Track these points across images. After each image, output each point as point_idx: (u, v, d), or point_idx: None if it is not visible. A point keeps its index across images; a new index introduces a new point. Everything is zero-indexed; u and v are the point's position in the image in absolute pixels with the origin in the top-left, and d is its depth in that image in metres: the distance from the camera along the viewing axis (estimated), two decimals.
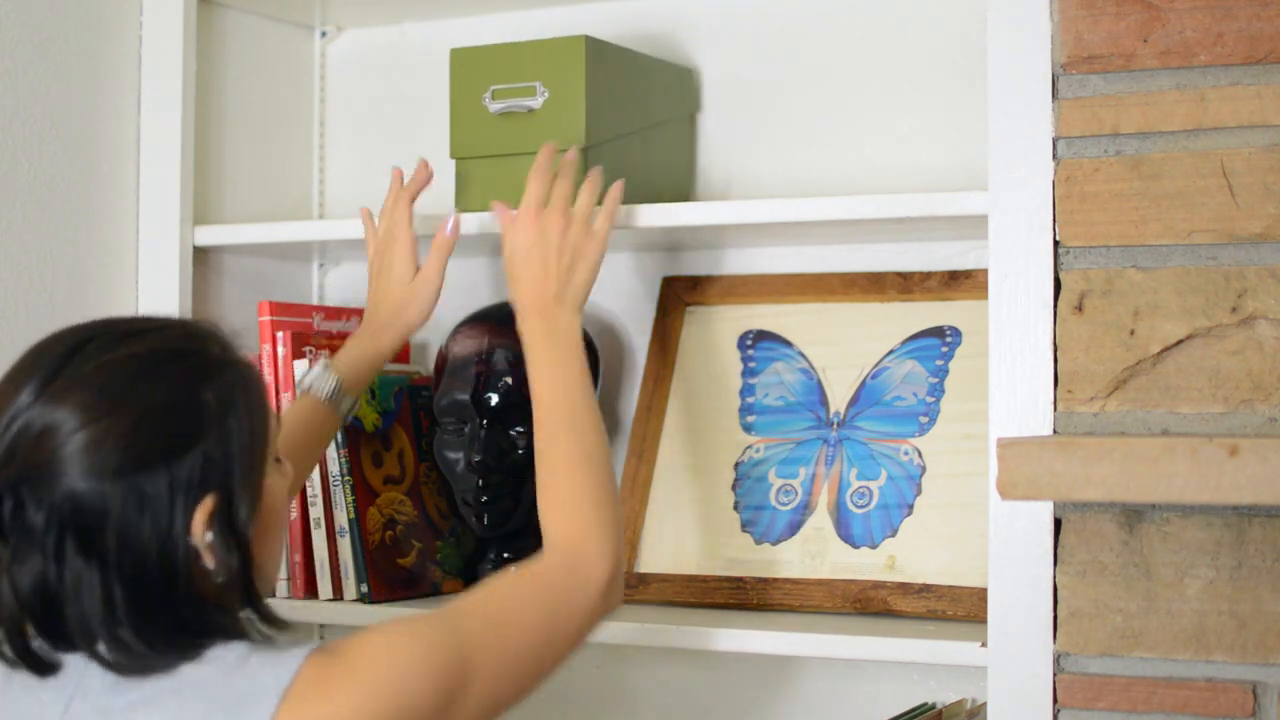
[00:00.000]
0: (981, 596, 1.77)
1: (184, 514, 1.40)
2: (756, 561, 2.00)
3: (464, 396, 2.04)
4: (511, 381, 2.03)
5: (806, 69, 2.16)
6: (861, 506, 1.98)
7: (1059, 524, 1.67)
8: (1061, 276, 1.68)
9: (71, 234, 2.13)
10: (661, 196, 2.09)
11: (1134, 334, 1.66)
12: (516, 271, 1.82)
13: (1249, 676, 1.61)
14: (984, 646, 1.71)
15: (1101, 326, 1.66)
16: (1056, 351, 1.68)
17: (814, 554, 1.97)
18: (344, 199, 2.41)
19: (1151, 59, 1.65)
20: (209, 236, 2.17)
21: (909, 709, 1.96)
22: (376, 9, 2.37)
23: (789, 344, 2.10)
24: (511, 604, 1.54)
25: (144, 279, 2.16)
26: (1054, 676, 1.66)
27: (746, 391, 2.10)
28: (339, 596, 2.09)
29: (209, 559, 1.41)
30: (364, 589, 2.08)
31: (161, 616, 1.39)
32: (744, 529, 2.03)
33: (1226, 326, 1.63)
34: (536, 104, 2.00)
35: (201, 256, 2.19)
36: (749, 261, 2.17)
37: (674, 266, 2.20)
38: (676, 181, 2.16)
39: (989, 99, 1.71)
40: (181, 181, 2.15)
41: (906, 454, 1.98)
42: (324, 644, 1.44)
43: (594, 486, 1.68)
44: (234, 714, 1.37)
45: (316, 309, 2.26)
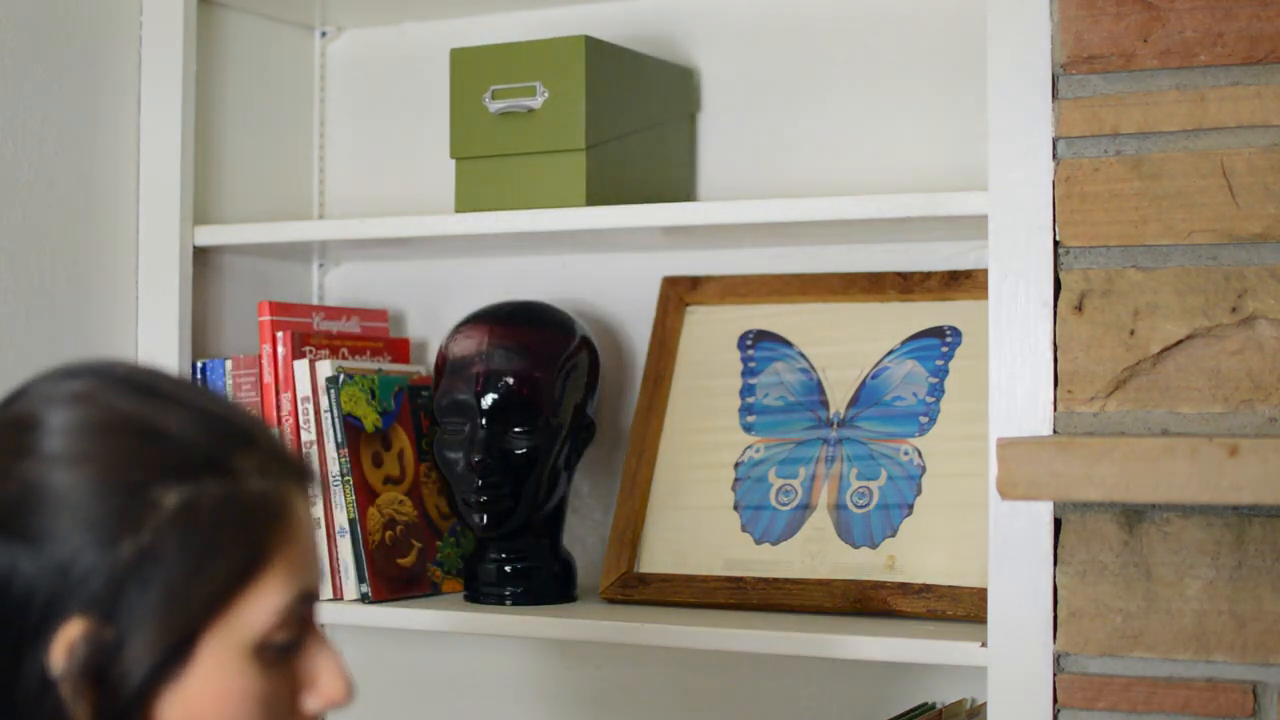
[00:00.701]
0: (981, 596, 1.77)
1: (43, 631, 1.08)
2: (756, 561, 2.00)
3: (464, 396, 2.04)
4: (512, 381, 2.03)
5: (806, 69, 2.16)
6: (861, 506, 1.98)
7: (1059, 524, 1.67)
8: (1061, 276, 1.68)
9: (71, 234, 2.13)
10: (661, 196, 2.09)
11: (1134, 334, 1.66)
12: None
13: (1249, 676, 1.61)
14: (984, 646, 1.71)
15: (1101, 326, 1.66)
16: (1056, 351, 1.68)
17: (814, 554, 1.97)
18: (344, 199, 2.41)
19: (1151, 59, 1.65)
20: (209, 236, 2.17)
21: (909, 709, 1.96)
22: (376, 9, 2.37)
23: (789, 344, 2.10)
24: None
25: (144, 279, 2.16)
26: (1054, 676, 1.66)
27: (746, 391, 2.10)
28: (339, 596, 2.09)
29: (68, 696, 1.07)
30: (364, 589, 2.08)
31: None
32: (744, 529, 2.02)
33: (1226, 326, 1.63)
34: (536, 104, 2.00)
35: (201, 256, 2.19)
36: (749, 261, 2.17)
37: (674, 266, 2.20)
38: (676, 181, 2.16)
39: (989, 99, 1.71)
40: (181, 181, 2.15)
41: (906, 454, 1.98)
42: None
43: None
44: None
45: (316, 309, 2.27)
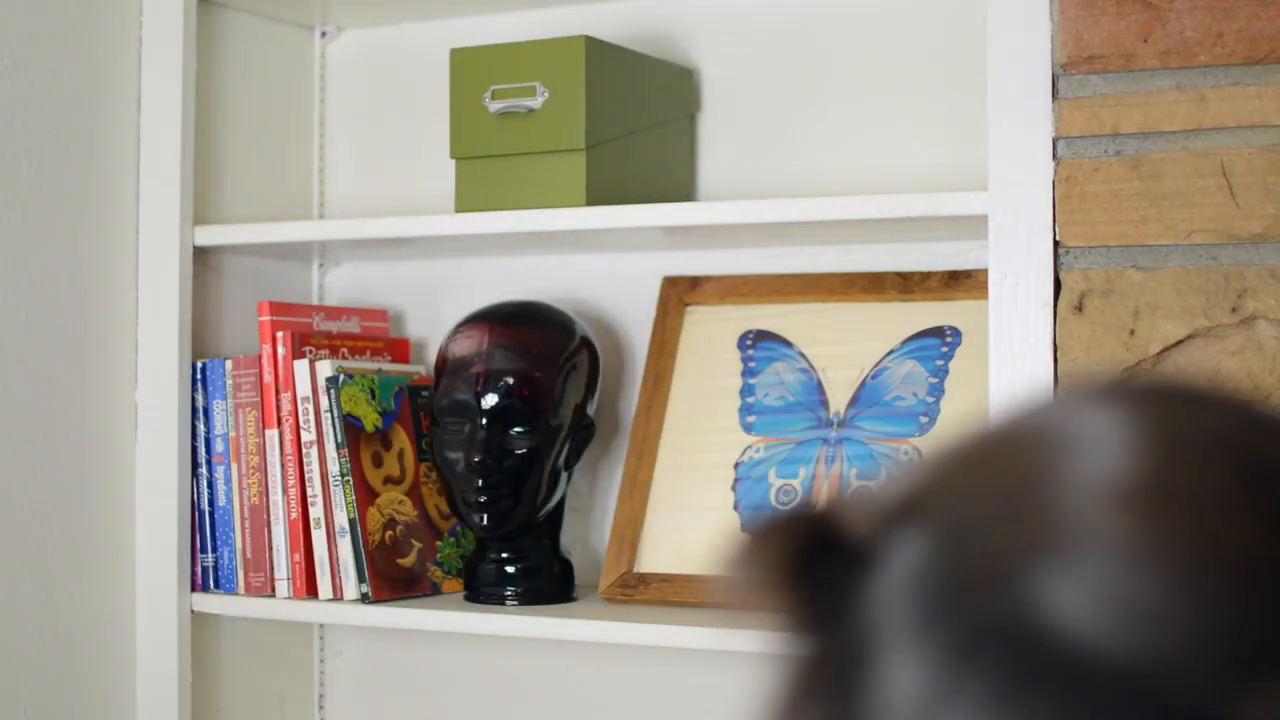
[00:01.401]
0: None
1: None
2: None
3: (464, 396, 2.04)
4: (512, 381, 2.03)
5: (806, 69, 2.16)
6: None
7: None
8: (1061, 276, 1.68)
9: (71, 234, 2.13)
10: (662, 196, 2.09)
11: (1134, 334, 1.66)
12: None
13: None
14: None
15: (1101, 326, 1.66)
16: (1056, 351, 1.68)
17: None
18: (344, 199, 2.41)
19: (1151, 59, 1.65)
20: (209, 236, 2.17)
21: None
22: (376, 9, 2.36)
23: (789, 344, 2.10)
24: None
25: (144, 279, 2.16)
26: None
27: (746, 391, 2.10)
28: (339, 596, 2.09)
29: None
30: (364, 589, 2.08)
31: None
32: (744, 529, 2.02)
33: (1226, 326, 1.63)
34: (536, 104, 2.00)
35: (201, 256, 2.19)
36: (749, 261, 2.17)
37: (674, 266, 2.20)
38: (676, 181, 2.16)
39: (989, 99, 1.71)
40: (181, 182, 2.15)
41: (907, 454, 1.98)
42: None
43: None
44: None
45: (316, 309, 2.27)
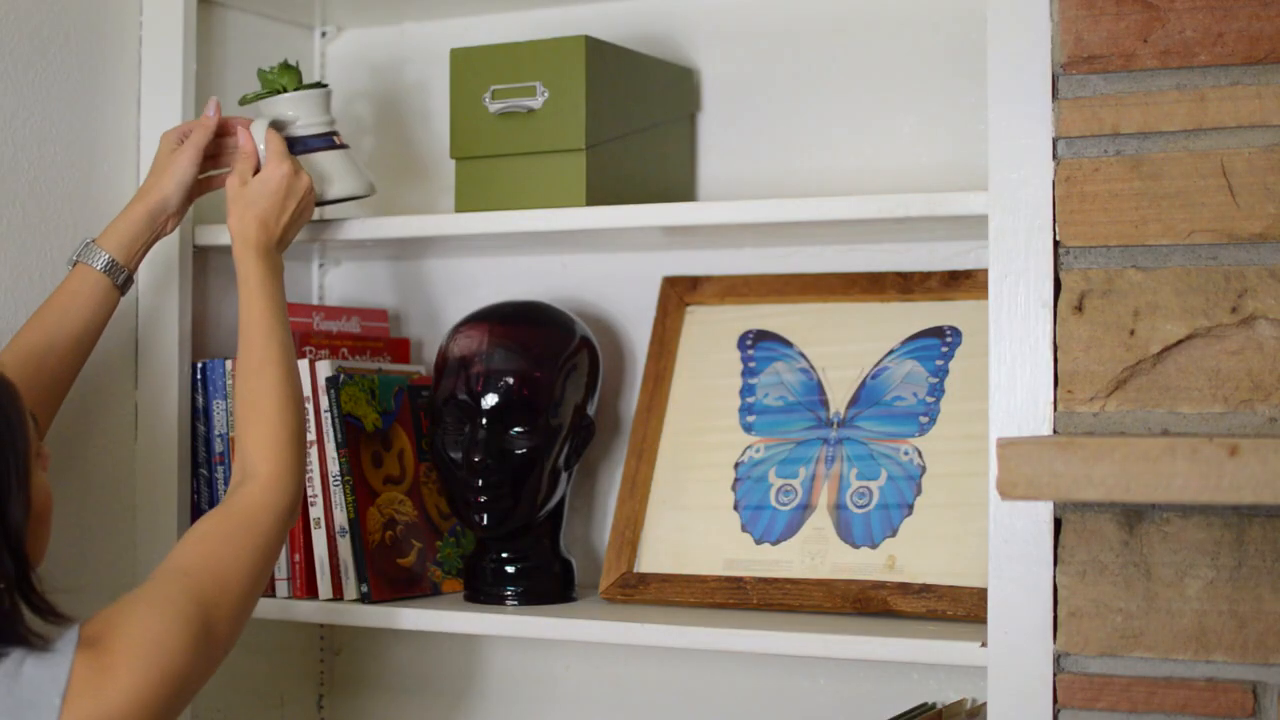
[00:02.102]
0: (981, 596, 1.77)
1: None
2: (756, 561, 2.00)
3: (464, 396, 2.04)
4: (512, 381, 2.03)
5: (806, 69, 2.16)
6: (861, 506, 1.98)
7: (1059, 524, 1.67)
8: (1061, 276, 1.68)
9: (71, 234, 2.13)
10: (662, 196, 2.09)
11: (1134, 334, 1.66)
12: (253, 201, 1.93)
13: (1249, 676, 1.61)
14: (984, 646, 1.71)
15: (1101, 326, 1.66)
16: (1056, 351, 1.68)
17: (814, 554, 1.97)
18: None
19: (1151, 59, 1.65)
20: (209, 236, 2.17)
21: (909, 709, 1.96)
22: (376, 9, 2.37)
23: (789, 344, 2.10)
24: (232, 553, 1.68)
25: (144, 279, 2.16)
26: (1054, 676, 1.66)
27: (746, 391, 2.10)
28: (339, 596, 2.09)
29: None
30: (364, 589, 2.08)
31: None
32: (744, 529, 2.03)
33: (1226, 326, 1.63)
34: (536, 104, 2.00)
35: (201, 256, 2.19)
36: (749, 261, 2.17)
37: (674, 266, 2.20)
38: (676, 181, 2.16)
39: (989, 99, 1.71)
40: None
41: (906, 454, 1.98)
42: (83, 633, 1.52)
43: (296, 422, 1.82)
44: None
45: (316, 309, 2.27)
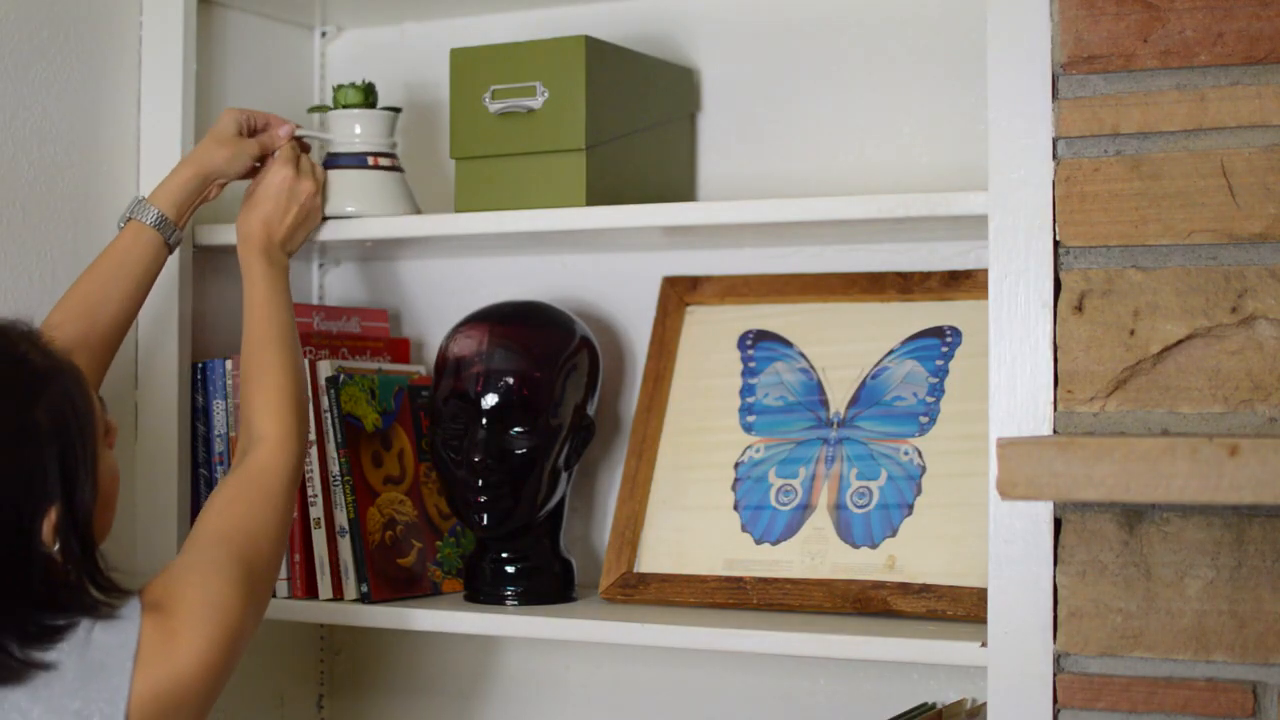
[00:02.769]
0: (981, 596, 1.77)
1: (37, 528, 1.55)
2: (756, 561, 2.00)
3: (464, 396, 2.04)
4: (512, 381, 2.03)
5: (806, 69, 2.16)
6: (861, 506, 1.98)
7: (1059, 524, 1.67)
8: (1061, 276, 1.68)
9: (71, 234, 2.13)
10: (661, 196, 2.09)
11: (1134, 334, 1.66)
12: (258, 203, 2.03)
13: (1249, 676, 1.61)
14: (984, 646, 1.71)
15: (1101, 326, 1.66)
16: (1056, 351, 1.68)
17: (814, 554, 1.97)
18: None
19: (1151, 59, 1.65)
20: (209, 236, 2.17)
21: (909, 709, 1.96)
22: (376, 9, 2.37)
23: (789, 344, 2.10)
24: (257, 514, 1.78)
25: None
26: (1054, 676, 1.66)
27: (746, 391, 2.10)
28: (339, 596, 2.09)
29: (59, 557, 1.58)
30: (364, 589, 2.08)
31: (20, 619, 1.54)
32: (744, 529, 2.02)
33: (1226, 326, 1.63)
34: (536, 104, 2.00)
35: (201, 256, 2.19)
36: (749, 261, 2.17)
37: (674, 266, 2.20)
38: (676, 181, 2.16)
39: (989, 99, 1.71)
40: None
41: (906, 454, 1.98)
42: (145, 600, 1.61)
43: (297, 390, 1.92)
44: (92, 685, 1.54)
45: (316, 309, 2.27)
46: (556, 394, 2.05)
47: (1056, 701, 1.66)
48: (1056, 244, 1.68)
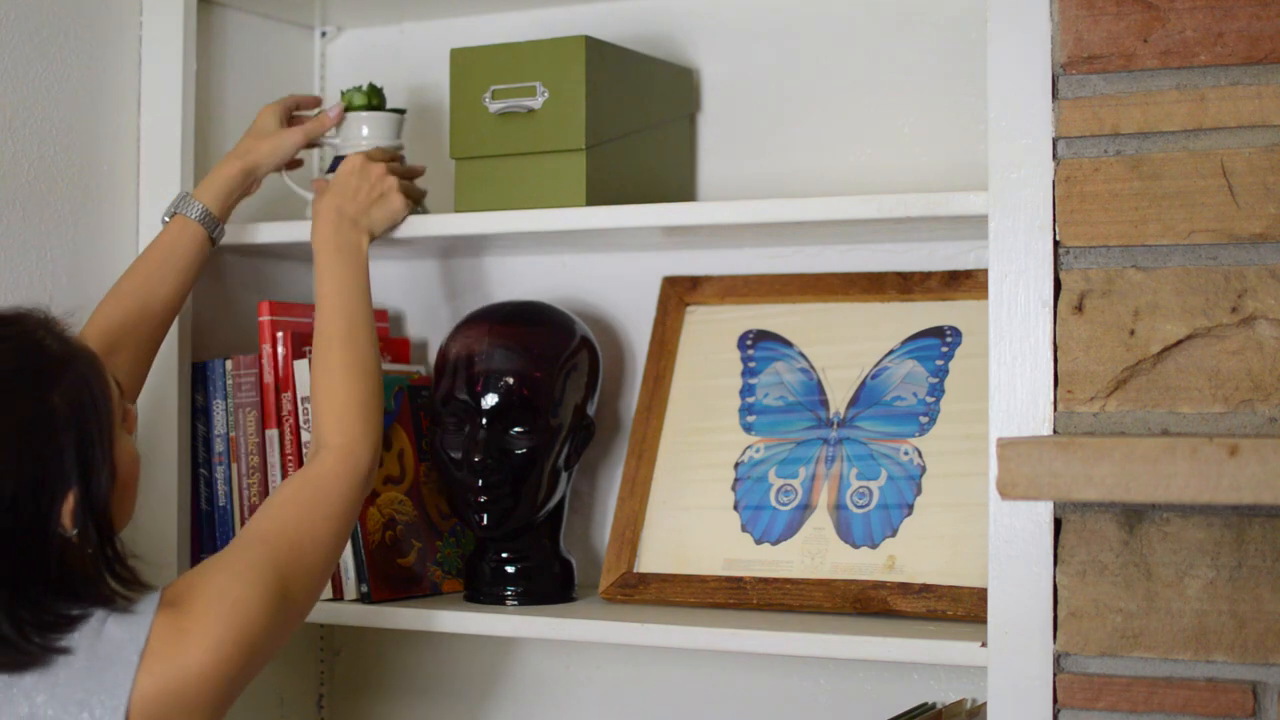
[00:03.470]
0: (981, 596, 1.77)
1: (54, 513, 1.56)
2: (756, 561, 2.00)
3: (464, 396, 2.04)
4: (512, 381, 2.03)
5: (806, 69, 2.16)
6: (861, 506, 1.98)
7: (1059, 524, 1.67)
8: (1061, 276, 1.68)
9: (71, 234, 2.13)
10: (662, 196, 2.09)
11: (1134, 334, 1.66)
12: (328, 188, 2.03)
13: (1249, 676, 1.61)
14: (984, 646, 1.71)
15: (1101, 326, 1.66)
16: (1056, 351, 1.68)
17: (814, 554, 1.97)
18: None
19: (1151, 59, 1.65)
20: None
21: (909, 709, 1.96)
22: (376, 9, 2.37)
23: (789, 344, 2.10)
24: (307, 521, 1.74)
25: None
26: (1054, 676, 1.66)
27: (746, 391, 2.10)
28: (339, 596, 2.09)
29: (78, 540, 1.58)
30: (364, 589, 2.08)
31: (35, 606, 1.55)
32: (744, 529, 2.03)
33: (1226, 326, 1.63)
34: (536, 104, 2.00)
35: None
36: (749, 261, 2.17)
37: (674, 266, 2.20)
38: (676, 181, 2.16)
39: (989, 99, 1.71)
40: (181, 181, 2.15)
41: (906, 454, 1.98)
42: (165, 596, 1.59)
43: (364, 392, 1.88)
44: (98, 677, 1.53)
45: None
46: (556, 394, 2.05)
47: (1056, 701, 1.66)
48: (1056, 244, 1.68)
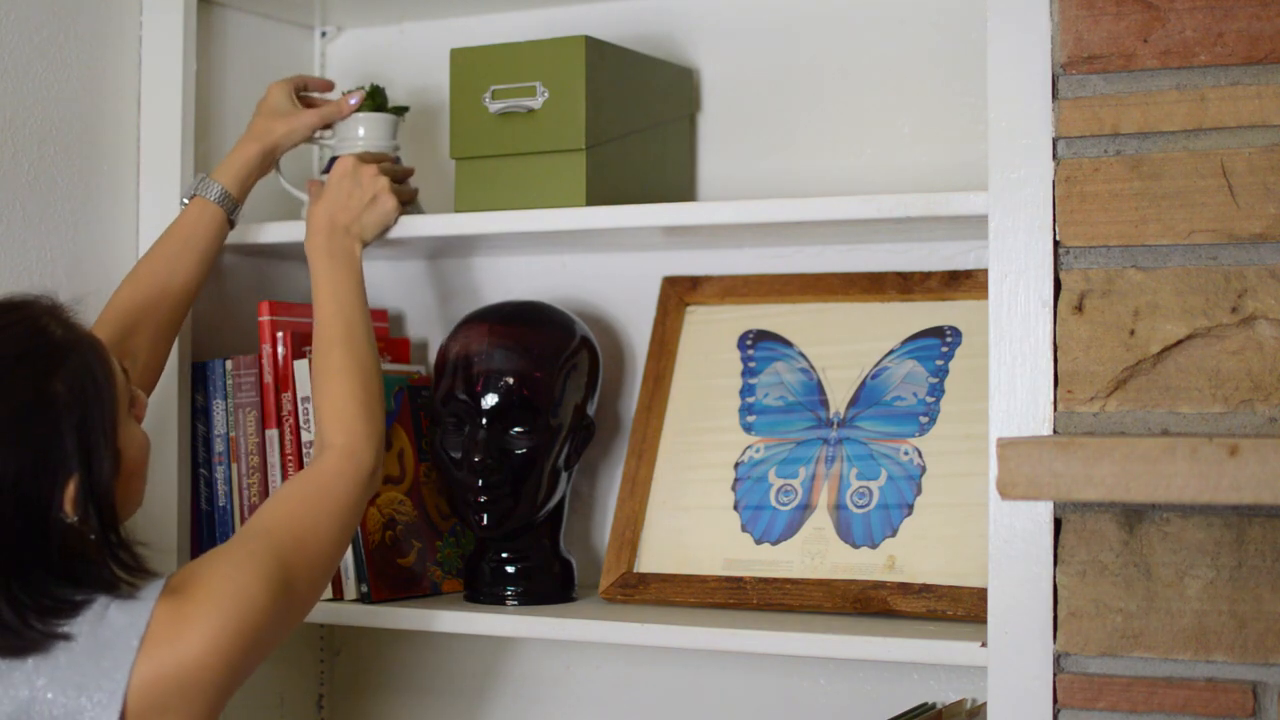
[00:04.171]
0: (981, 596, 1.77)
1: (55, 499, 1.57)
2: (756, 561, 2.00)
3: (464, 396, 2.04)
4: (512, 381, 2.03)
5: (806, 69, 2.16)
6: (861, 506, 1.98)
7: (1059, 524, 1.67)
8: (1061, 276, 1.68)
9: (71, 234, 2.13)
10: (662, 196, 2.09)
11: (1134, 334, 1.66)
12: (320, 194, 2.04)
13: (1249, 676, 1.61)
14: (984, 646, 1.71)
15: (1101, 326, 1.66)
16: (1056, 351, 1.68)
17: (814, 554, 1.97)
18: None
19: (1151, 59, 1.65)
20: None
21: (909, 709, 1.96)
22: (376, 9, 2.37)
23: (789, 344, 2.10)
24: (310, 516, 1.75)
25: None
26: (1054, 676, 1.66)
27: (746, 391, 2.10)
28: (339, 596, 2.09)
29: (80, 526, 1.58)
30: (364, 589, 2.08)
31: (37, 591, 1.55)
32: (744, 529, 2.03)
33: (1226, 326, 1.63)
34: (536, 104, 2.00)
35: None
36: (749, 261, 2.17)
37: (674, 266, 2.20)
38: (676, 181, 2.16)
39: (989, 99, 1.71)
40: (181, 181, 2.15)
41: (906, 454, 1.98)
42: (169, 584, 1.60)
43: (365, 393, 1.89)
44: (97, 661, 1.54)
45: None
46: (556, 394, 2.05)
47: (1056, 701, 1.66)
48: (1056, 244, 1.68)
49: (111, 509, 1.61)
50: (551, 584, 2.09)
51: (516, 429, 2.03)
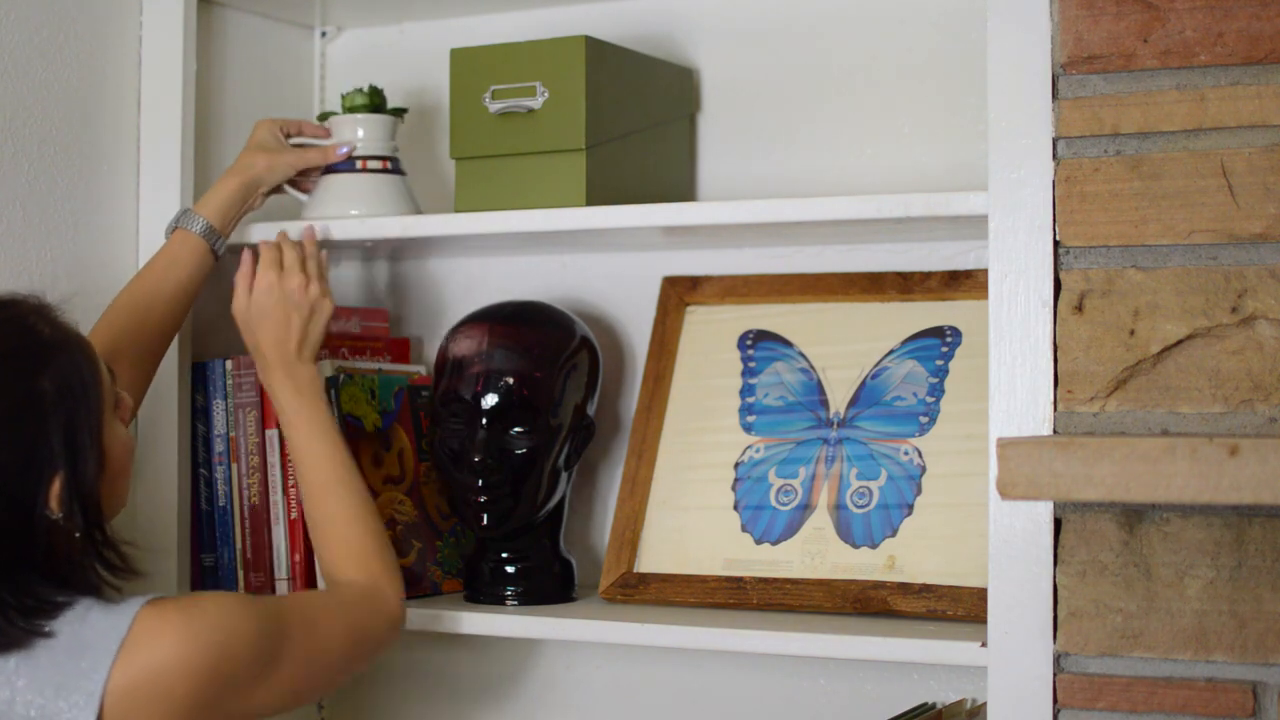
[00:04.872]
0: (981, 596, 1.77)
1: (40, 496, 1.57)
2: (756, 561, 2.00)
3: (464, 396, 2.04)
4: (512, 381, 2.03)
5: (806, 69, 2.16)
6: (861, 506, 1.98)
7: (1059, 524, 1.67)
8: (1061, 276, 1.68)
9: (71, 234, 2.13)
10: (662, 196, 2.09)
11: (1134, 334, 1.66)
12: (256, 324, 1.97)
13: (1249, 676, 1.61)
14: (984, 646, 1.71)
15: (1101, 326, 1.67)
16: (1056, 351, 1.68)
17: (814, 554, 1.97)
18: None
19: (1151, 59, 1.65)
20: None
21: (909, 709, 1.96)
22: (376, 9, 2.37)
23: (789, 344, 2.10)
24: (324, 613, 1.75)
25: None
26: (1054, 676, 1.66)
27: (746, 391, 2.10)
28: None
29: (65, 524, 1.59)
30: None
31: (21, 589, 1.56)
32: (744, 529, 2.02)
33: (1226, 326, 1.63)
34: (536, 104, 2.00)
35: None
36: (749, 261, 2.17)
37: (674, 266, 2.20)
38: (676, 181, 2.16)
39: (989, 99, 1.71)
40: (181, 181, 2.15)
41: (906, 454, 1.98)
42: (161, 596, 1.60)
43: (373, 534, 1.89)
44: (76, 663, 1.53)
45: None
46: (556, 394, 2.05)
47: (1056, 701, 1.66)
48: (1056, 244, 1.68)
49: (96, 507, 1.62)
50: (551, 584, 2.09)
51: (516, 429, 2.03)
